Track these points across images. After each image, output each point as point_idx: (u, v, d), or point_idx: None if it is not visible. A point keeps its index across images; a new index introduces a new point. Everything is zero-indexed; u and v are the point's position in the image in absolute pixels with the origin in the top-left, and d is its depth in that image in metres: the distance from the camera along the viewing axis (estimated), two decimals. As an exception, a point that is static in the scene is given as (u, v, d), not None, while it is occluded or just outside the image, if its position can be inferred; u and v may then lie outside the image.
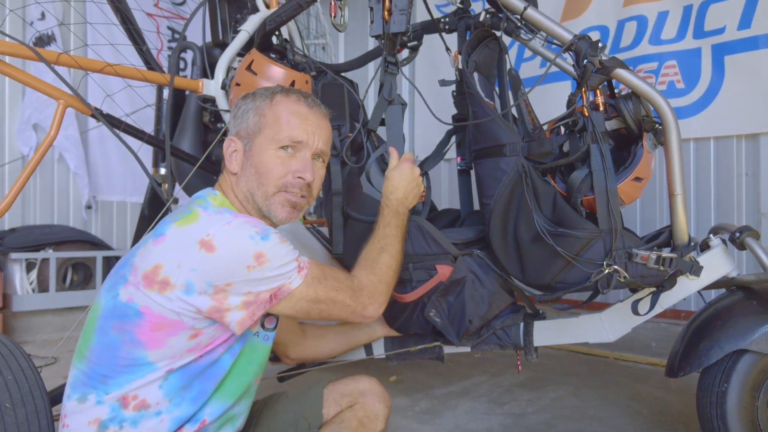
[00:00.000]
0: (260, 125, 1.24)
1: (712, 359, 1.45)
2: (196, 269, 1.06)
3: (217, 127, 2.11)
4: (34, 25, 3.70)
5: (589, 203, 1.50)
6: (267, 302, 1.11)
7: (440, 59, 3.61)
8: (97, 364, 1.10)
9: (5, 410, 1.19)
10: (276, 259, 1.10)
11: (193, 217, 1.12)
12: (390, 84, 1.60)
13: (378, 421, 1.34)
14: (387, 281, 1.31)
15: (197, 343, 1.11)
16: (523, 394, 2.43)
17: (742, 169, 2.91)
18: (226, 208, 1.17)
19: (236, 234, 1.08)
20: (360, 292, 1.24)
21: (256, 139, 1.24)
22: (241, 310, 1.09)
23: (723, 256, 1.52)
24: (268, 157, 1.23)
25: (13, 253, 3.45)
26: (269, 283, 1.10)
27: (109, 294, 1.13)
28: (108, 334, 1.10)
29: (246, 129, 1.25)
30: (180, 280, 1.06)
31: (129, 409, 1.08)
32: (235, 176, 1.26)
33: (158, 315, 1.07)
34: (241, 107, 1.28)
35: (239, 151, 1.25)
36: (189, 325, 1.09)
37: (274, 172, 1.22)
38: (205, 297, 1.07)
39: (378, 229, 1.39)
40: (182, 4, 4.28)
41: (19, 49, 1.54)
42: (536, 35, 1.71)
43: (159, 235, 1.11)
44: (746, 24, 2.81)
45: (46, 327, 3.58)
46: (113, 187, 4.14)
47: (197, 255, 1.06)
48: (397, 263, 1.36)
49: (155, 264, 1.08)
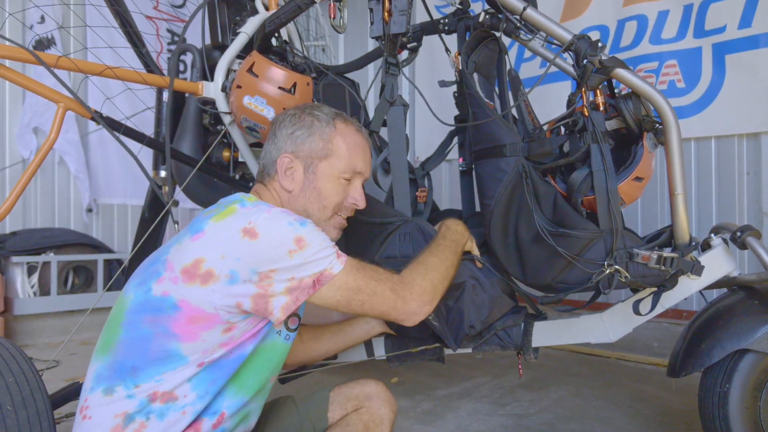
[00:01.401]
0: (326, 152, 1.31)
1: (714, 359, 1.45)
2: (241, 257, 1.08)
3: (217, 130, 2.11)
4: (33, 29, 3.70)
5: (590, 203, 1.50)
6: (310, 287, 1.13)
7: (440, 60, 3.61)
8: (125, 356, 1.11)
9: (7, 413, 1.19)
10: (315, 244, 1.13)
11: (231, 211, 1.16)
12: (391, 85, 1.60)
13: (383, 425, 1.34)
14: (432, 281, 1.29)
15: (230, 337, 1.13)
16: (525, 395, 2.42)
17: (743, 168, 2.91)
18: (261, 201, 1.22)
19: (276, 220, 1.12)
20: (402, 286, 1.23)
21: (321, 164, 1.31)
22: (285, 295, 1.11)
23: (724, 256, 1.52)
24: (333, 184, 1.31)
25: (15, 257, 3.45)
26: (312, 268, 1.12)
27: (139, 289, 1.15)
28: (138, 327, 1.11)
29: (308, 152, 1.31)
30: (224, 270, 1.08)
31: (157, 402, 1.09)
32: (289, 194, 1.31)
33: (196, 308, 1.09)
34: (299, 128, 1.32)
35: (297, 171, 1.31)
36: (224, 319, 1.11)
37: (336, 199, 1.32)
38: (250, 285, 1.09)
39: (431, 244, 1.41)
40: (181, 6, 4.28)
41: (19, 53, 1.54)
42: (536, 35, 1.71)
43: (197, 232, 1.14)
44: (747, 23, 2.80)
45: (48, 330, 3.58)
46: (114, 190, 4.14)
47: (241, 243, 1.09)
48: (445, 269, 1.34)
49: (196, 258, 1.10)
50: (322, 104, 1.36)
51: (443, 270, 1.34)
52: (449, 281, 1.36)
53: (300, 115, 1.34)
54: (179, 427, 1.11)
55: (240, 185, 2.10)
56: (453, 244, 1.43)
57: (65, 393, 1.56)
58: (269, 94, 1.72)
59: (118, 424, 1.08)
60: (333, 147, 1.31)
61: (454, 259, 1.40)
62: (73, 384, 1.57)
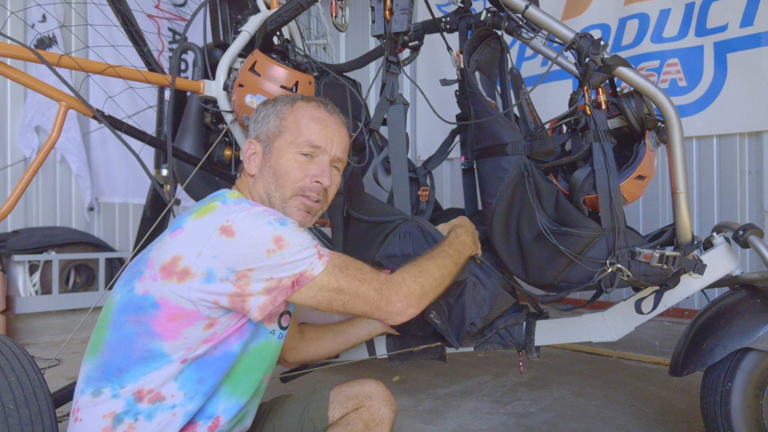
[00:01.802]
0: (280, 128, 1.28)
1: (716, 358, 1.45)
2: (218, 255, 1.07)
3: (218, 128, 2.11)
4: (35, 27, 3.70)
5: (592, 202, 1.49)
6: (289, 288, 1.11)
7: (442, 59, 3.61)
8: (112, 357, 1.11)
9: (9, 411, 1.19)
10: (295, 244, 1.10)
11: (210, 208, 1.14)
12: (392, 84, 1.60)
13: (384, 425, 1.34)
14: (423, 284, 1.25)
15: (212, 333, 1.12)
16: (527, 394, 2.42)
17: (745, 166, 2.91)
18: (244, 199, 1.20)
19: (255, 219, 1.10)
20: (388, 286, 1.20)
21: (276, 142, 1.28)
22: (263, 295, 1.10)
23: (726, 255, 1.52)
24: (287, 160, 1.26)
25: (16, 255, 3.46)
26: (290, 269, 1.10)
27: (123, 289, 1.15)
28: (123, 327, 1.11)
29: (266, 132, 1.29)
30: (201, 268, 1.07)
31: (144, 402, 1.09)
32: (253, 178, 1.29)
33: (175, 306, 1.08)
34: (261, 112, 1.33)
35: (258, 153, 1.29)
36: (205, 315, 1.10)
37: (292, 176, 1.26)
38: (227, 284, 1.08)
39: (435, 248, 1.38)
40: (183, 5, 4.28)
41: (21, 52, 1.54)
42: (538, 34, 1.71)
43: (176, 228, 1.13)
44: (749, 21, 2.80)
45: (50, 329, 3.58)
46: (115, 189, 4.14)
47: (218, 241, 1.07)
48: (441, 276, 1.30)
49: (174, 255, 1.09)
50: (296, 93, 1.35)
51: (438, 276, 1.30)
52: (443, 289, 1.33)
53: (265, 103, 1.34)
54: (171, 430, 1.10)
55: (241, 184, 2.10)
56: (456, 253, 1.39)
57: (67, 391, 1.56)
58: (271, 93, 1.71)
59: (107, 426, 1.08)
60: (287, 123, 1.28)
61: (453, 268, 1.37)
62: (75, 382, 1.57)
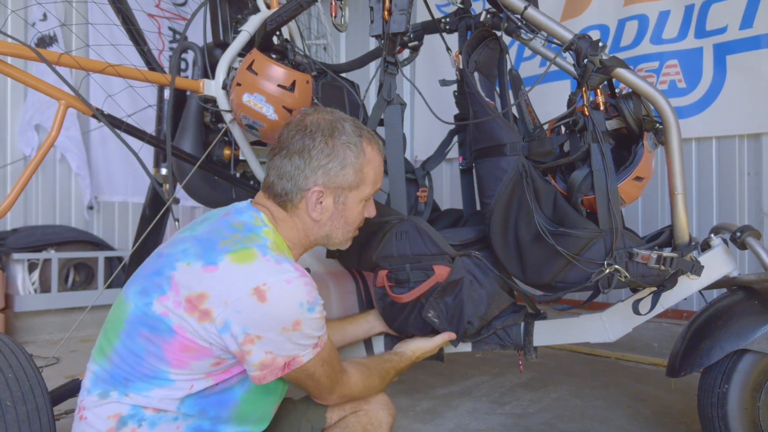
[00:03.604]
0: (357, 182, 1.29)
1: (713, 359, 1.45)
2: (241, 312, 1.07)
3: (217, 128, 2.11)
4: (35, 26, 3.70)
5: (590, 203, 1.50)
6: (280, 369, 1.12)
7: (441, 59, 3.61)
8: (119, 367, 1.12)
9: (6, 408, 1.20)
10: (307, 331, 1.12)
11: (249, 256, 1.11)
12: (389, 84, 1.60)
13: (382, 429, 1.35)
14: (362, 391, 1.35)
15: (217, 369, 1.13)
16: (525, 394, 2.42)
17: (744, 168, 2.91)
18: (285, 257, 1.17)
19: (291, 296, 1.09)
20: (339, 387, 1.28)
21: (351, 194, 1.30)
22: (258, 369, 1.11)
23: (724, 256, 1.52)
24: (359, 210, 1.34)
25: (15, 254, 3.45)
26: (290, 350, 1.11)
27: (140, 299, 1.13)
28: (135, 340, 1.11)
29: (341, 183, 1.27)
30: (221, 316, 1.07)
31: (149, 410, 1.10)
32: (315, 222, 1.28)
33: (191, 339, 1.08)
34: (331, 158, 1.25)
35: (327, 202, 1.27)
36: (216, 354, 1.10)
37: (359, 220, 1.36)
38: (234, 342, 1.08)
39: (401, 361, 1.52)
40: (183, 4, 4.28)
41: (21, 50, 1.55)
42: (537, 35, 1.71)
43: (210, 263, 1.11)
44: (748, 23, 2.80)
45: (48, 327, 3.58)
46: (115, 188, 4.14)
47: (248, 300, 1.07)
48: (384, 386, 1.43)
49: (201, 292, 1.08)
50: (343, 117, 1.30)
51: (382, 387, 1.42)
52: (381, 388, 1.43)
53: (332, 144, 1.24)
54: None
55: (240, 183, 2.10)
56: (404, 368, 1.52)
57: (65, 389, 1.56)
58: (268, 92, 1.72)
59: (111, 427, 1.09)
60: (363, 176, 1.29)
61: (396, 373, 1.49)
62: (73, 381, 1.58)
